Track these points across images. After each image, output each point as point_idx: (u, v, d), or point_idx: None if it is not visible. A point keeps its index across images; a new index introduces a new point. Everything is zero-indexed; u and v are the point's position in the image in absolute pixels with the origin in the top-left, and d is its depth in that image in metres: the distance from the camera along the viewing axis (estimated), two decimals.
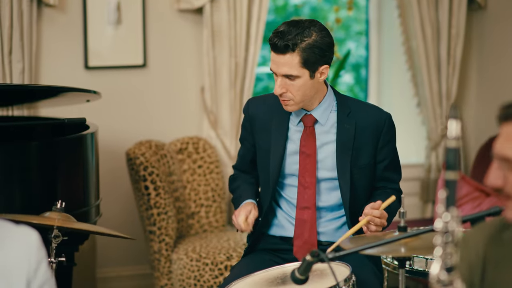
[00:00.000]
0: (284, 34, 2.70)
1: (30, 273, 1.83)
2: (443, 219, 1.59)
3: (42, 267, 1.85)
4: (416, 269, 2.96)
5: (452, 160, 1.59)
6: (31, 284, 1.83)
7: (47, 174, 3.24)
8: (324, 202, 2.88)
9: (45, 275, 1.86)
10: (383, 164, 2.89)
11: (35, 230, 1.87)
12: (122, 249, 4.71)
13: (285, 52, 2.70)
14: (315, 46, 2.71)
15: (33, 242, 1.85)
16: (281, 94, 2.77)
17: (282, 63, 2.72)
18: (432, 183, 5.08)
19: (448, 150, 1.59)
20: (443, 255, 1.59)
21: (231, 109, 4.65)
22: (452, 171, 1.59)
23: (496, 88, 5.06)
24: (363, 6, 5.26)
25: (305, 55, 2.70)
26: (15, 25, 4.21)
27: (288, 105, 2.80)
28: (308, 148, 2.85)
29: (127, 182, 4.48)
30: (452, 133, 1.59)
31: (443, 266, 1.59)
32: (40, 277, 1.85)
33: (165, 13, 4.66)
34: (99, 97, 3.73)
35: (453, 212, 1.58)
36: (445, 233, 1.59)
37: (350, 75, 5.39)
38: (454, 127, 1.59)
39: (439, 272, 1.59)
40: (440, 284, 1.59)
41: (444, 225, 1.59)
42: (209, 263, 4.08)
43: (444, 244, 1.59)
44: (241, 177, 3.07)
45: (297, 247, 2.88)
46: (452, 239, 1.58)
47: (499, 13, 5.02)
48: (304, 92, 2.76)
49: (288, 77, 2.73)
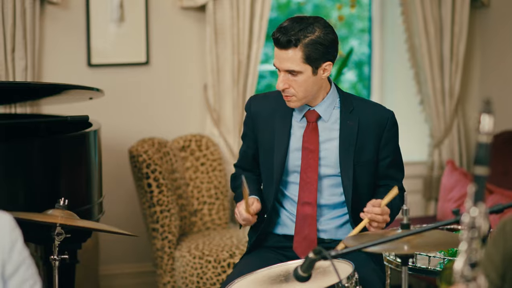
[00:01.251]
0: (287, 29, 2.71)
1: (4, 256, 1.82)
2: (470, 214, 1.58)
3: (17, 248, 1.84)
4: (419, 266, 2.96)
5: (482, 155, 1.57)
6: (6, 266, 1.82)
7: (50, 172, 3.24)
8: (326, 200, 2.88)
9: (20, 255, 1.84)
10: (386, 161, 2.89)
11: (7, 213, 1.86)
12: (125, 246, 4.71)
13: (288, 48, 2.71)
14: (318, 43, 2.71)
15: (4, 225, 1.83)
16: (284, 89, 2.77)
17: (285, 58, 2.72)
18: (435, 180, 5.08)
19: (479, 145, 1.58)
20: (468, 250, 1.57)
21: (234, 107, 4.65)
22: (482, 166, 1.57)
23: (499, 85, 5.06)
24: (366, 3, 5.25)
25: (308, 51, 2.70)
26: (18, 23, 4.21)
27: (290, 101, 2.80)
28: (311, 144, 2.84)
29: (130, 179, 4.48)
30: (485, 128, 1.57)
31: (467, 261, 1.58)
32: (15, 258, 1.83)
33: (168, 10, 4.66)
34: (102, 94, 3.73)
35: (481, 208, 1.57)
36: (471, 228, 1.57)
37: (353, 73, 5.39)
38: (487, 121, 1.57)
39: (463, 267, 1.58)
40: (464, 279, 1.58)
41: (471, 220, 1.58)
42: (212, 261, 4.08)
43: (470, 239, 1.57)
44: (243, 175, 3.06)
45: (297, 242, 2.88)
46: (478, 234, 1.57)
47: (502, 11, 5.01)
48: (306, 88, 2.76)
49: (291, 72, 2.74)
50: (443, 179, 4.72)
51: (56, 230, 2.82)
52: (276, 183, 2.88)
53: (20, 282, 1.85)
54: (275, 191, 2.89)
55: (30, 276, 1.87)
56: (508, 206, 2.23)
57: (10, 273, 1.83)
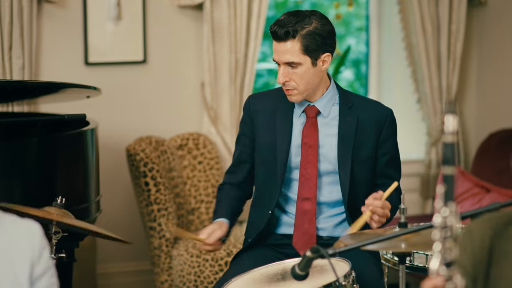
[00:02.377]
0: (284, 22, 2.73)
1: (34, 259, 1.95)
2: (441, 214, 1.60)
3: (45, 254, 1.98)
4: (416, 265, 2.96)
5: (449, 155, 1.59)
6: (35, 268, 1.95)
7: (47, 170, 3.24)
8: (325, 197, 2.88)
9: (47, 262, 1.98)
10: (384, 159, 2.89)
11: (37, 222, 2.00)
12: (122, 245, 4.70)
13: (286, 39, 2.72)
14: (316, 33, 2.72)
15: (36, 232, 1.97)
16: (284, 83, 2.78)
17: (284, 50, 2.74)
18: (432, 179, 5.08)
19: (445, 145, 1.60)
20: (442, 250, 1.59)
21: (231, 105, 4.65)
22: (449, 166, 1.59)
23: (496, 84, 5.06)
24: (363, 2, 5.25)
25: (306, 42, 2.72)
26: (15, 21, 4.21)
27: (292, 95, 2.80)
28: (311, 139, 2.85)
29: (127, 178, 4.48)
30: (449, 128, 1.59)
31: (442, 261, 1.59)
32: (43, 264, 1.97)
33: (165, 9, 4.65)
34: (99, 93, 3.73)
35: (451, 207, 1.59)
36: (443, 228, 1.59)
37: (350, 71, 5.39)
38: (451, 122, 1.59)
39: (439, 267, 1.59)
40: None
41: (443, 220, 1.59)
42: (209, 259, 4.08)
43: (443, 239, 1.59)
44: (225, 190, 3.04)
45: (296, 238, 2.88)
46: (451, 234, 1.59)
47: (500, 9, 5.01)
48: (307, 80, 2.76)
49: (290, 64, 2.75)
50: (441, 177, 4.72)
51: (54, 229, 2.81)
52: (281, 180, 2.88)
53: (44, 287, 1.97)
54: (279, 189, 2.89)
55: (52, 284, 2.00)
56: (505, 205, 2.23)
57: (37, 276, 1.96)
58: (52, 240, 2.83)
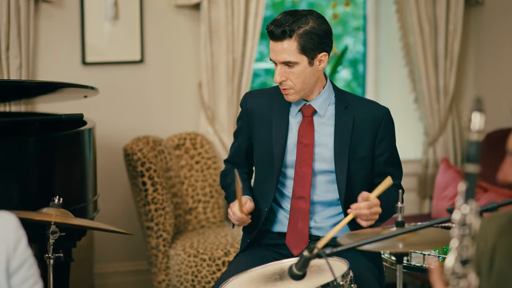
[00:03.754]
0: (281, 22, 2.73)
1: (9, 253, 1.91)
2: (461, 211, 1.58)
3: (21, 246, 1.93)
4: (414, 264, 2.96)
5: (473, 153, 1.58)
6: (11, 262, 1.91)
7: (44, 170, 3.24)
8: (320, 196, 2.87)
9: (24, 253, 1.93)
10: (382, 158, 2.89)
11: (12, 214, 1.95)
12: (120, 244, 4.71)
13: (283, 39, 2.72)
14: (313, 33, 2.73)
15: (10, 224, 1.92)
16: (281, 82, 2.78)
17: (280, 50, 2.74)
18: (430, 178, 5.08)
19: (470, 143, 1.58)
20: (459, 247, 1.58)
21: (228, 105, 4.65)
22: (472, 164, 1.58)
23: (494, 83, 5.07)
24: (361, 1, 5.26)
25: (303, 41, 2.72)
26: (13, 21, 4.21)
27: (288, 94, 2.80)
28: (306, 138, 2.85)
29: (124, 178, 4.48)
30: (476, 126, 1.58)
31: (458, 258, 1.58)
32: (19, 256, 1.92)
33: (163, 8, 4.65)
34: (96, 93, 3.72)
35: (472, 205, 1.58)
36: (462, 225, 1.58)
37: (348, 71, 5.39)
38: (478, 120, 1.58)
39: (454, 264, 1.58)
40: (454, 276, 1.59)
41: (462, 217, 1.58)
42: (207, 259, 4.08)
43: (461, 236, 1.58)
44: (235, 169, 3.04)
45: (290, 237, 2.88)
46: (469, 231, 1.58)
47: (497, 9, 5.02)
48: (304, 80, 2.77)
49: (287, 64, 2.75)
50: (438, 177, 4.73)
51: (51, 229, 2.81)
52: (276, 179, 2.88)
53: (22, 280, 1.92)
54: (275, 187, 2.89)
55: (32, 275, 1.94)
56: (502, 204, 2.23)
57: (13, 270, 1.91)
58: (50, 240, 2.83)
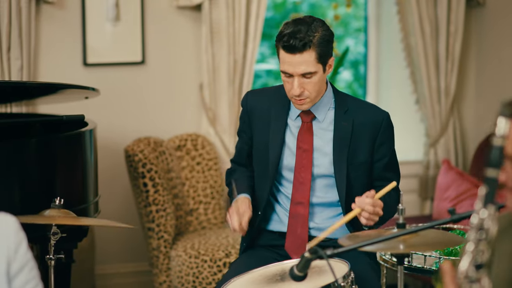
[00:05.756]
0: (295, 33, 2.68)
1: (10, 256, 1.89)
2: (480, 216, 1.57)
3: (22, 249, 1.91)
4: (415, 266, 2.96)
5: (496, 157, 1.57)
6: (12, 265, 1.89)
7: (45, 171, 3.24)
8: (319, 198, 2.87)
9: (25, 256, 1.92)
10: (381, 163, 2.88)
11: (13, 216, 1.93)
12: (121, 246, 4.71)
13: (303, 51, 2.68)
14: (324, 40, 2.72)
15: (10, 226, 1.90)
16: (300, 94, 2.76)
17: (299, 62, 2.69)
18: (431, 180, 5.08)
19: (493, 148, 1.57)
20: (474, 251, 1.56)
21: (229, 106, 4.65)
22: (494, 168, 1.56)
23: (495, 84, 5.06)
24: (362, 3, 5.26)
25: (319, 50, 2.70)
26: (14, 22, 4.21)
27: (304, 104, 2.78)
28: (305, 144, 2.85)
29: (125, 179, 4.48)
30: (500, 131, 1.58)
31: (472, 262, 1.56)
32: (19, 259, 1.90)
33: (164, 10, 4.65)
34: (97, 94, 3.72)
35: (490, 210, 1.56)
36: (479, 229, 1.56)
37: (349, 72, 5.39)
38: (503, 125, 1.57)
39: (468, 268, 1.57)
40: (468, 280, 1.57)
41: (480, 222, 1.57)
42: (208, 260, 4.08)
43: (477, 240, 1.56)
44: (239, 170, 3.05)
45: (289, 242, 2.88)
46: (486, 236, 1.56)
47: (498, 10, 5.02)
48: (319, 87, 2.77)
49: (305, 75, 2.72)
50: (439, 178, 4.72)
51: (52, 230, 2.81)
52: (271, 180, 2.88)
53: (23, 283, 1.91)
54: (270, 188, 2.89)
55: (33, 278, 1.93)
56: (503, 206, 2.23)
57: (14, 273, 1.89)
58: (51, 241, 2.83)
